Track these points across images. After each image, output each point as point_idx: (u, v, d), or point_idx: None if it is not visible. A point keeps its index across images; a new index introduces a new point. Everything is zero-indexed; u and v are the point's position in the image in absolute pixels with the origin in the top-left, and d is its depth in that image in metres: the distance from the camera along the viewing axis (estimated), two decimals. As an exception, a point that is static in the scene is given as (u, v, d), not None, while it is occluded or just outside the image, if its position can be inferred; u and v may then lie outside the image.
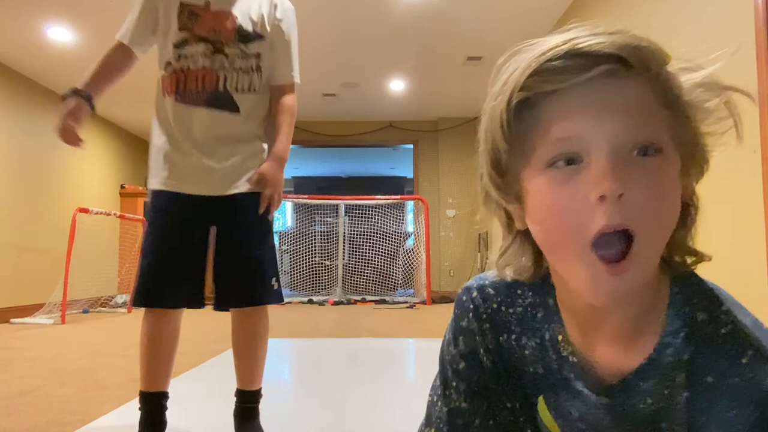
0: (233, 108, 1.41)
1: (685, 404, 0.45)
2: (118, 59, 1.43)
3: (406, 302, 6.31)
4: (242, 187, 1.40)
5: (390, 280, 7.01)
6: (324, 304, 6.35)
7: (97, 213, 4.87)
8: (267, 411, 1.90)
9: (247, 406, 1.49)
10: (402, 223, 7.35)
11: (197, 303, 1.41)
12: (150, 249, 1.38)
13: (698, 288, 0.49)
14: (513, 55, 0.48)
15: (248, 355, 1.47)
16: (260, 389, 1.50)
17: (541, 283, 0.45)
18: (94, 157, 6.08)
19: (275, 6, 1.48)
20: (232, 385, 1.39)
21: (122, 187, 6.60)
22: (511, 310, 0.53)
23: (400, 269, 7.17)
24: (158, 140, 1.42)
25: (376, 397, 1.98)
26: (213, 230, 1.42)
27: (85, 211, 4.68)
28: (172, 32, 1.41)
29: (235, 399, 1.50)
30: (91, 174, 6.00)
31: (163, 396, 1.44)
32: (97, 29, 3.92)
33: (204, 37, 1.39)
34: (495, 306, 0.53)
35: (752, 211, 2.04)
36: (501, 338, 0.53)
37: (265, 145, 1.49)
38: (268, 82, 1.48)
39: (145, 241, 1.40)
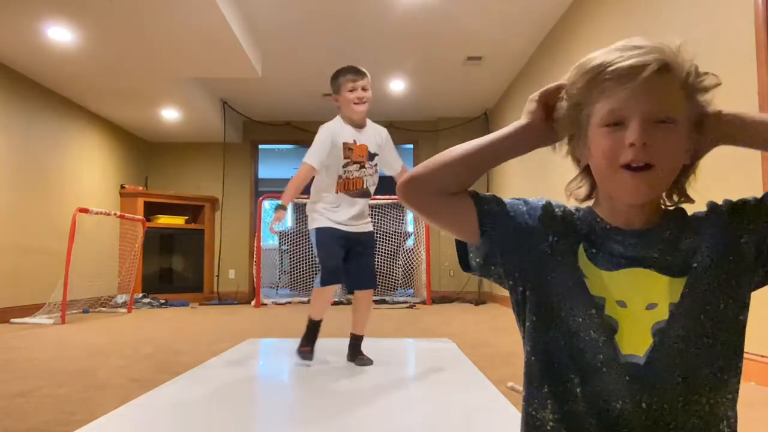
0: (369, 195, 2.63)
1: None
2: (307, 177, 2.49)
3: (406, 302, 6.31)
4: (365, 228, 2.63)
5: (390, 280, 7.01)
6: (324, 304, 6.34)
7: (97, 213, 4.86)
8: (267, 410, 1.90)
9: (357, 342, 2.62)
10: (402, 223, 7.34)
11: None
12: (327, 256, 2.53)
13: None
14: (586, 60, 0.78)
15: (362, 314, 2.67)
16: (364, 334, 2.65)
17: (588, 209, 0.84)
18: (94, 157, 6.08)
19: (381, 135, 2.66)
20: (232, 385, 1.41)
21: (122, 187, 6.59)
22: (571, 211, 0.87)
23: (400, 269, 7.16)
24: (328, 204, 2.56)
25: (376, 397, 1.98)
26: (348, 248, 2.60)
27: (85, 211, 4.68)
28: (340, 158, 2.52)
29: (350, 339, 2.64)
30: (91, 174, 5.99)
31: (320, 322, 2.60)
32: (97, 29, 3.92)
33: (356, 161, 2.55)
34: (563, 208, 0.88)
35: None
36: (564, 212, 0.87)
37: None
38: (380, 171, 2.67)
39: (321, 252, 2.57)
